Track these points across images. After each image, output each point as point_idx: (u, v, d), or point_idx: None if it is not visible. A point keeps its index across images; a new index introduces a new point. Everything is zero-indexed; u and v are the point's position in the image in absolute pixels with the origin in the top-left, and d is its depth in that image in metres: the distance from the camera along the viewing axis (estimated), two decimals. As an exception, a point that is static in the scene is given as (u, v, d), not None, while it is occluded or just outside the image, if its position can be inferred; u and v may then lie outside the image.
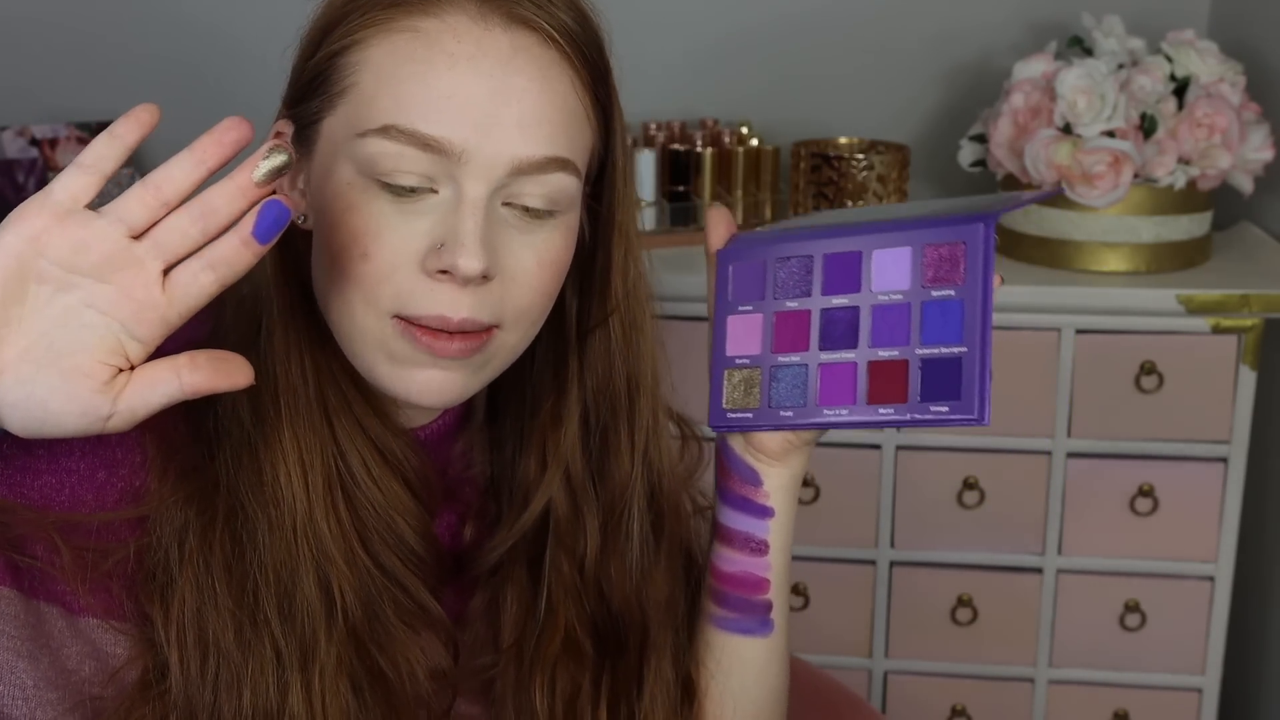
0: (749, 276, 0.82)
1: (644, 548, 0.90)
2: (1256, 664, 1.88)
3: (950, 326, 0.75)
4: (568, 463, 0.88)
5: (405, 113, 0.75)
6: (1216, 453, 1.68)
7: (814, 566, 1.77)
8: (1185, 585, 1.72)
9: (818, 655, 1.75)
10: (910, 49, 1.98)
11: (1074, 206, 1.67)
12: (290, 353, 0.80)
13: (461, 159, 0.75)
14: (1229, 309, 1.62)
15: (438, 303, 0.76)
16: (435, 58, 0.75)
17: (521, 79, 0.76)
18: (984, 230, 0.75)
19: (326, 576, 0.79)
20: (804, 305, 0.80)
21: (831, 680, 1.34)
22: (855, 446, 1.73)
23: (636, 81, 2.01)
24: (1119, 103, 1.61)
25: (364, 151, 0.75)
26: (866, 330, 0.78)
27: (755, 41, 1.99)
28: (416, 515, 0.84)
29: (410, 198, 0.76)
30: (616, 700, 0.89)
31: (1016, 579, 1.75)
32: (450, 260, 0.75)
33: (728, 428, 0.82)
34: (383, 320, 0.77)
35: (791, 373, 0.80)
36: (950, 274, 0.76)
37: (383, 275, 0.76)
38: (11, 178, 1.84)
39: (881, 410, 0.77)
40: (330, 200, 0.77)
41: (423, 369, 0.78)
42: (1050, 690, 1.77)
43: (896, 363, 0.77)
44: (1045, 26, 1.92)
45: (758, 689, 0.92)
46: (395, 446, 0.84)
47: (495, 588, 0.89)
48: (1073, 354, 1.67)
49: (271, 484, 0.79)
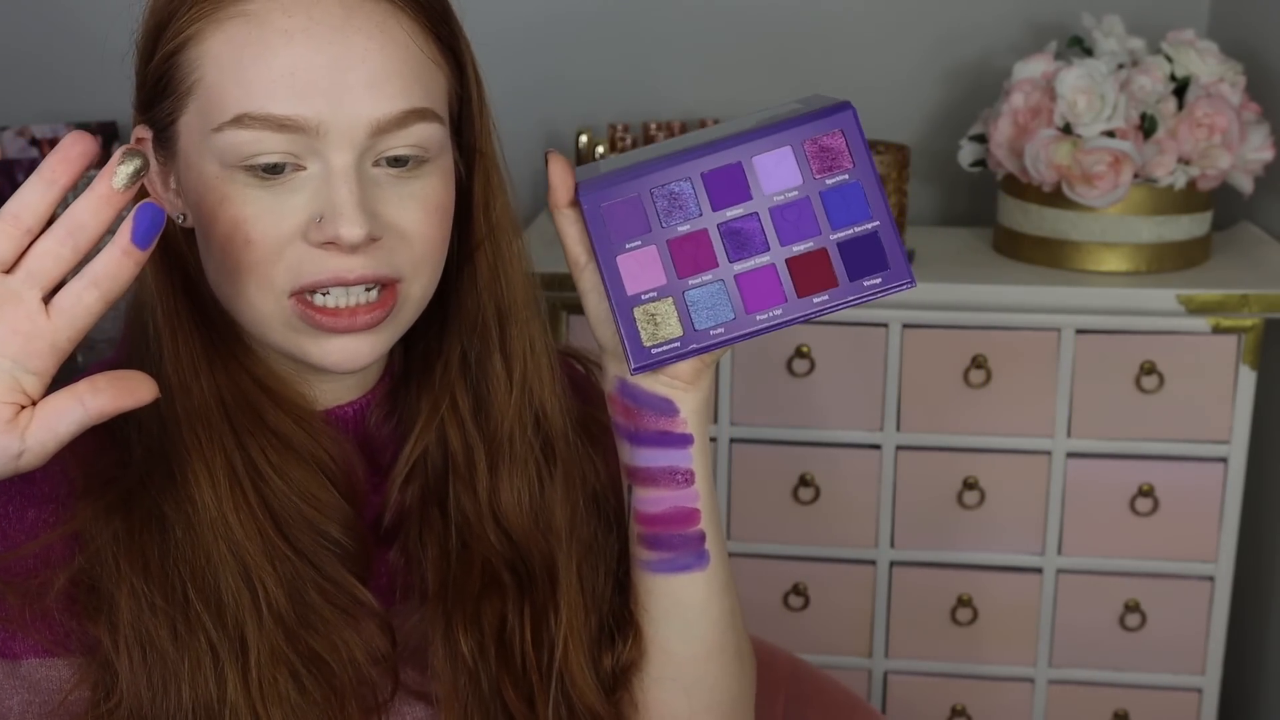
0: (626, 213, 0.81)
1: (539, 476, 0.90)
2: (1256, 664, 1.88)
3: (855, 207, 0.79)
4: (452, 397, 0.88)
5: (253, 99, 0.75)
6: (1216, 453, 1.68)
7: (814, 566, 1.77)
8: (1185, 585, 1.72)
9: (818, 655, 1.75)
10: (910, 49, 1.98)
11: (1074, 206, 1.67)
12: (180, 353, 0.81)
13: (319, 132, 0.75)
14: (1229, 309, 1.62)
15: (328, 266, 0.77)
16: (270, 37, 0.75)
17: (360, 39, 0.76)
18: (853, 115, 0.80)
19: (247, 570, 0.80)
20: (697, 226, 0.80)
21: (831, 680, 1.34)
22: (855, 447, 1.73)
23: (637, 81, 2.02)
24: (1119, 103, 1.61)
25: (222, 144, 0.76)
26: (772, 232, 0.80)
27: (755, 41, 1.99)
28: (332, 504, 0.83)
29: (279, 177, 0.76)
30: (539, 630, 0.89)
31: (1016, 579, 1.75)
32: (332, 231, 0.76)
33: (656, 363, 0.81)
34: (280, 300, 0.78)
35: (708, 291, 0.80)
36: (837, 161, 0.79)
37: (270, 257, 0.77)
38: (11, 178, 1.85)
39: (815, 300, 0.79)
40: (203, 195, 0.78)
41: (334, 338, 0.79)
42: (1050, 690, 1.77)
43: (814, 253, 0.79)
44: (1045, 26, 1.92)
45: (703, 624, 0.90)
46: (303, 435, 0.83)
47: (412, 538, 0.89)
48: (1073, 354, 1.67)
49: (182, 484, 0.80)
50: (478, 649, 0.87)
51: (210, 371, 0.82)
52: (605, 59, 2.00)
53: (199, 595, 0.79)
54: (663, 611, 0.90)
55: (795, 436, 1.73)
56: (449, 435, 0.88)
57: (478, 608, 0.87)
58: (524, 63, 2.00)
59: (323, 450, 0.84)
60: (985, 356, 1.68)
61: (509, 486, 0.89)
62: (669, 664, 0.92)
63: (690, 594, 0.90)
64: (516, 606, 0.88)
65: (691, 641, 0.91)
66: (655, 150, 0.84)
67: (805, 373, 1.71)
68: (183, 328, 0.81)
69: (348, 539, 0.84)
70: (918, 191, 1.99)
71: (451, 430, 0.88)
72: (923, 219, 2.01)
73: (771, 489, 1.75)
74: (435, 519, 0.88)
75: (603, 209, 0.81)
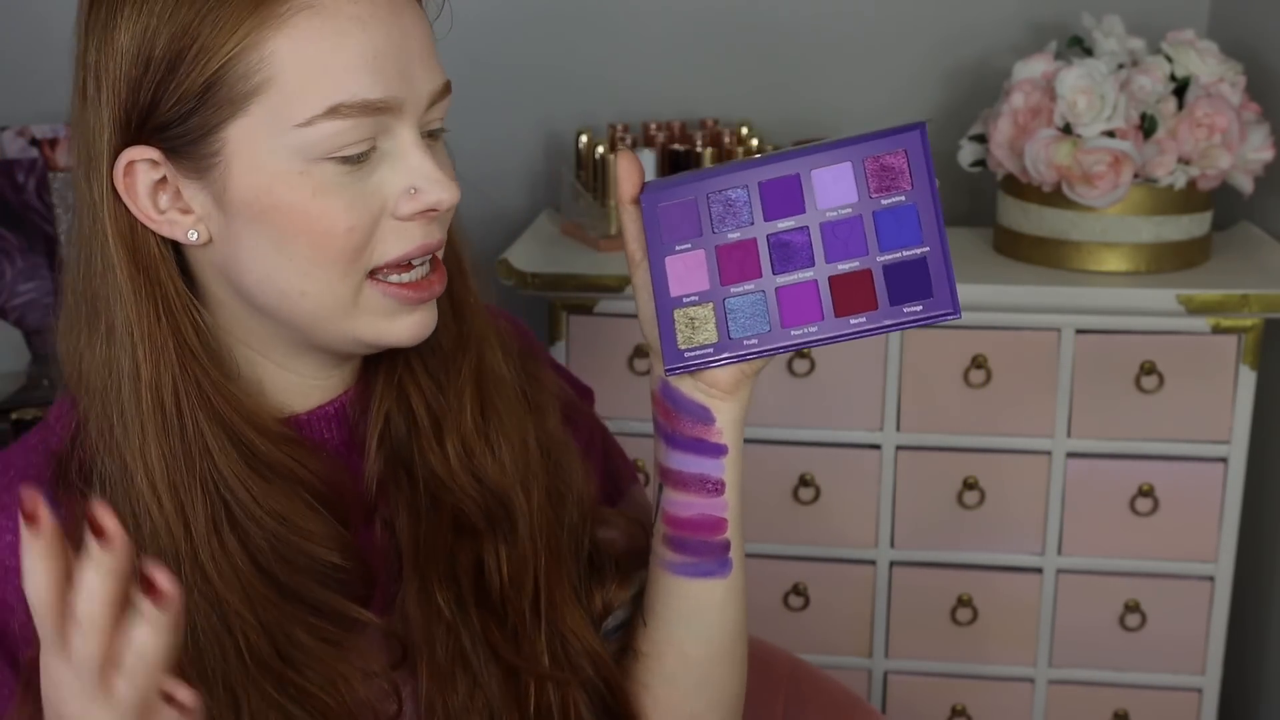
0: (680, 215, 0.81)
1: (518, 425, 0.91)
2: (1256, 664, 1.88)
3: (907, 230, 0.78)
4: (406, 358, 0.89)
5: (345, 87, 0.76)
6: (1216, 453, 1.68)
7: (814, 566, 1.77)
8: (1185, 585, 1.72)
9: (818, 655, 1.75)
10: (910, 49, 1.98)
11: (1074, 206, 1.67)
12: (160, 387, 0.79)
13: (400, 110, 0.78)
14: (1229, 309, 1.62)
15: (414, 238, 0.80)
16: (345, 26, 0.76)
17: (408, 17, 0.80)
18: (921, 136, 0.78)
19: (226, 619, 0.79)
20: (747, 234, 0.80)
21: (832, 680, 1.34)
22: (855, 447, 1.73)
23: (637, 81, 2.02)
24: (1119, 103, 1.61)
25: (310, 138, 0.76)
26: (820, 248, 0.79)
27: (755, 41, 1.99)
28: (320, 531, 0.82)
29: (361, 161, 0.78)
30: (518, 571, 0.89)
31: (1016, 579, 1.75)
32: (434, 198, 0.79)
33: (688, 367, 0.81)
34: (359, 284, 0.80)
35: (748, 301, 0.80)
36: (896, 181, 0.78)
37: (365, 239, 0.79)
38: (11, 178, 1.84)
39: (853, 321, 0.78)
40: (281, 194, 0.77)
41: (414, 311, 0.82)
42: (1050, 690, 1.77)
43: (859, 273, 0.78)
44: (1045, 26, 1.92)
45: (718, 629, 0.92)
46: (284, 458, 0.82)
47: (392, 509, 0.89)
48: (1073, 354, 1.67)
49: (152, 537, 0.79)
50: (454, 600, 0.87)
51: (190, 408, 0.80)
52: (605, 59, 2.00)
53: (183, 655, 0.77)
54: (681, 614, 0.91)
55: (795, 436, 1.73)
56: (410, 397, 0.89)
57: (451, 560, 0.88)
58: (524, 63, 2.00)
59: (307, 470, 0.83)
60: (985, 356, 1.68)
61: (475, 433, 0.89)
62: (682, 665, 0.93)
63: (709, 599, 0.91)
64: (492, 548, 0.89)
65: (707, 644, 0.92)
66: (735, 164, 0.84)
67: (805, 373, 1.71)
68: (168, 363, 0.79)
69: (344, 559, 0.83)
70: (918, 191, 1.99)
71: (412, 392, 0.89)
72: (923, 219, 2.00)
73: (771, 489, 1.75)
74: (404, 483, 0.89)
75: (659, 209, 0.81)
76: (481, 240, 2.06)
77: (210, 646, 0.79)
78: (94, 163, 0.79)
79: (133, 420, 0.79)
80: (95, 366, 0.81)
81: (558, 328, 1.72)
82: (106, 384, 0.80)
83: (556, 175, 2.02)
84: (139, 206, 0.79)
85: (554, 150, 2.03)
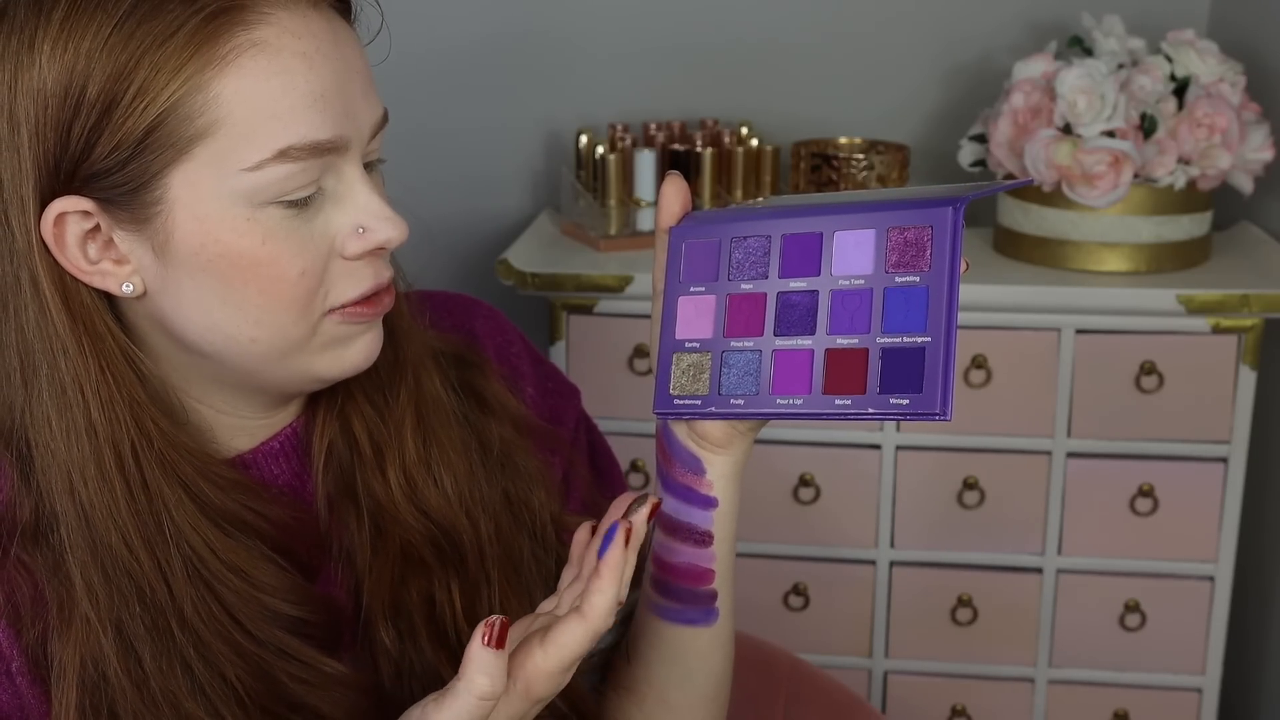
0: (703, 255, 0.78)
1: (462, 451, 0.89)
2: (1256, 664, 1.88)
3: (914, 315, 0.72)
4: (347, 383, 0.86)
5: (293, 129, 0.73)
6: (1216, 453, 1.68)
7: (814, 566, 1.77)
8: (1185, 585, 1.72)
9: (818, 655, 1.75)
10: (910, 49, 1.98)
11: (1074, 206, 1.67)
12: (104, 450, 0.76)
13: (345, 148, 0.76)
14: (1229, 309, 1.62)
15: (365, 278, 0.78)
16: (292, 64, 0.73)
17: (346, 49, 0.77)
18: (952, 214, 0.71)
19: (220, 667, 0.79)
20: (759, 288, 0.76)
21: (832, 680, 1.34)
22: (855, 447, 1.73)
23: (637, 81, 2.02)
24: (1119, 103, 1.61)
25: (259, 182, 0.73)
26: (825, 316, 0.74)
27: (756, 41, 1.99)
28: (279, 584, 0.81)
29: (307, 204, 0.76)
30: (472, 604, 0.87)
31: (1016, 579, 1.75)
32: (382, 237, 0.77)
33: (674, 414, 0.78)
34: (317, 322, 0.78)
35: (744, 359, 0.76)
36: (916, 259, 0.72)
37: (317, 283, 0.77)
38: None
39: (838, 401, 0.73)
40: (227, 244, 0.74)
41: (360, 337, 0.80)
42: (1050, 690, 1.77)
43: (855, 351, 0.73)
44: (1045, 26, 1.92)
45: (702, 675, 0.90)
46: (237, 507, 0.81)
47: (344, 537, 0.87)
48: (1073, 354, 1.67)
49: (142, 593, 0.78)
50: (406, 633, 0.86)
51: (147, 463, 0.78)
52: (606, 59, 2.00)
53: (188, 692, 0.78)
54: (663, 656, 0.90)
55: (795, 436, 1.73)
56: (353, 425, 0.87)
57: (398, 593, 0.86)
58: (525, 63, 2.00)
59: (261, 518, 0.82)
60: (985, 356, 1.68)
61: (417, 463, 0.87)
62: (661, 707, 0.92)
63: (693, 646, 0.89)
64: (443, 583, 0.87)
65: (689, 691, 0.91)
66: (809, 199, 0.81)
67: (805, 373, 1.71)
68: (121, 418, 0.76)
69: (307, 612, 0.82)
70: (918, 191, 1.99)
71: (354, 419, 0.87)
72: (923, 219, 2.00)
73: (771, 489, 1.75)
74: (352, 513, 0.87)
75: (684, 246, 0.79)
76: (481, 240, 2.07)
77: (213, 691, 0.78)
78: (18, 208, 0.74)
79: (93, 479, 0.76)
80: (41, 422, 0.76)
81: (557, 328, 1.72)
82: (63, 442, 0.76)
83: (556, 175, 2.02)
84: (68, 258, 0.75)
85: (554, 150, 2.03)
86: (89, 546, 0.77)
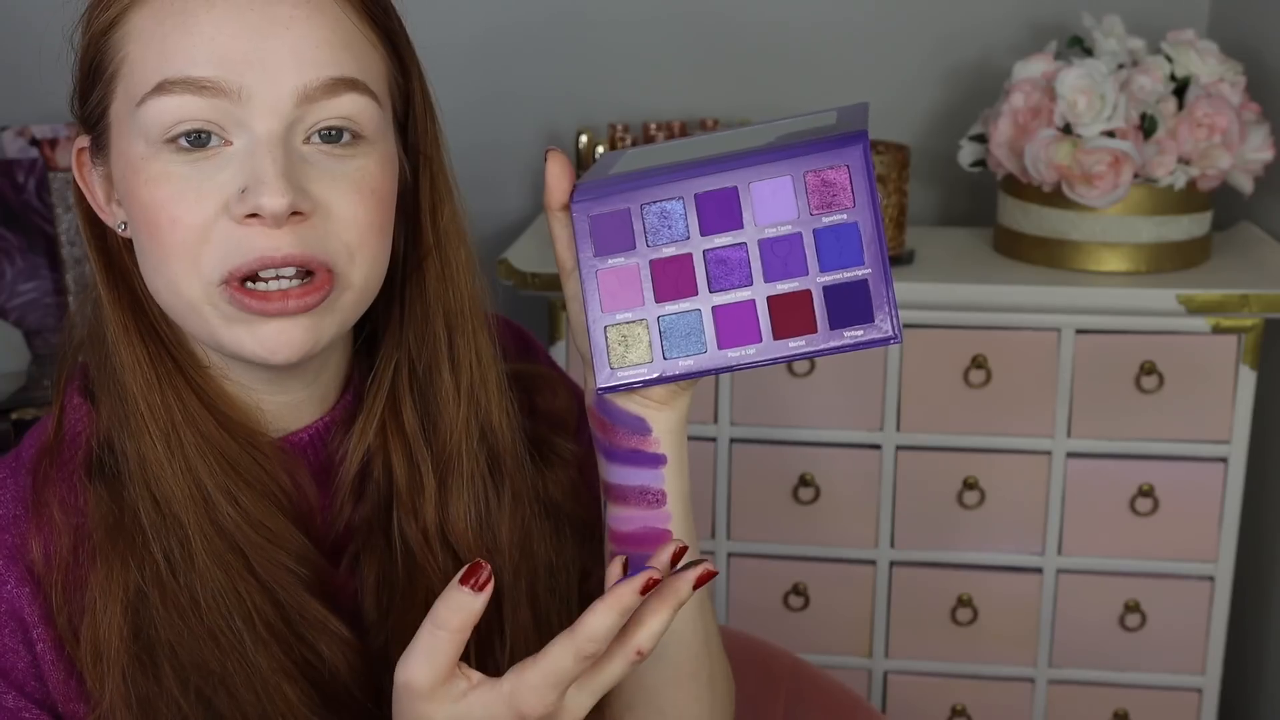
0: (613, 226, 0.77)
1: (485, 494, 0.87)
2: (1256, 664, 1.88)
3: (849, 250, 0.74)
4: (397, 413, 0.85)
5: (173, 64, 0.74)
6: (1216, 453, 1.68)
7: (814, 566, 1.77)
8: (1185, 585, 1.72)
9: (818, 655, 1.75)
10: (910, 49, 1.98)
11: (1074, 206, 1.67)
12: (137, 371, 0.80)
13: (241, 98, 0.74)
14: (1229, 309, 1.62)
15: (255, 246, 0.74)
16: (192, 6, 0.74)
17: (286, 8, 0.75)
18: (863, 149, 0.74)
19: (240, 592, 0.80)
20: (683, 249, 0.76)
21: (832, 680, 1.34)
22: (855, 447, 1.73)
23: (637, 81, 2.02)
24: (1119, 103, 1.61)
25: (146, 118, 0.74)
26: (759, 266, 0.75)
27: (755, 41, 1.99)
28: (283, 532, 0.82)
29: (204, 152, 0.74)
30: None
31: (1016, 579, 1.75)
32: (255, 201, 0.73)
33: (623, 387, 0.77)
34: (210, 289, 0.75)
35: (684, 320, 0.76)
36: (838, 198, 0.74)
37: (196, 236, 0.75)
38: (11, 178, 1.84)
39: (792, 344, 0.75)
40: (131, 182, 0.76)
41: (267, 323, 0.76)
42: (1050, 690, 1.77)
43: (798, 294, 0.75)
44: (1045, 26, 1.92)
45: (673, 650, 0.87)
46: (249, 461, 0.82)
47: (355, 561, 0.87)
48: (1073, 354, 1.67)
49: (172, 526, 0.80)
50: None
51: (161, 391, 0.80)
52: (605, 59, 2.00)
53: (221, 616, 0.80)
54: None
55: (795, 436, 1.73)
56: (392, 457, 0.86)
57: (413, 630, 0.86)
58: (524, 63, 2.00)
59: (270, 478, 0.82)
60: (985, 356, 1.68)
61: (456, 505, 0.86)
62: (638, 690, 0.89)
63: None
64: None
65: (662, 667, 0.88)
66: (677, 150, 0.81)
67: (805, 373, 1.71)
68: (131, 344, 0.80)
69: (303, 569, 0.82)
70: (918, 191, 1.99)
71: (396, 451, 0.86)
72: (922, 219, 2.01)
73: (771, 489, 1.75)
74: (379, 544, 0.86)
75: (590, 219, 0.77)
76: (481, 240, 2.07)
77: (234, 612, 0.80)
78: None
79: (150, 433, 0.80)
80: (101, 359, 0.83)
81: (558, 328, 1.72)
82: (122, 384, 0.81)
83: (556, 175, 2.01)
84: (93, 196, 0.82)
85: (554, 150, 2.03)
86: (144, 483, 0.80)
